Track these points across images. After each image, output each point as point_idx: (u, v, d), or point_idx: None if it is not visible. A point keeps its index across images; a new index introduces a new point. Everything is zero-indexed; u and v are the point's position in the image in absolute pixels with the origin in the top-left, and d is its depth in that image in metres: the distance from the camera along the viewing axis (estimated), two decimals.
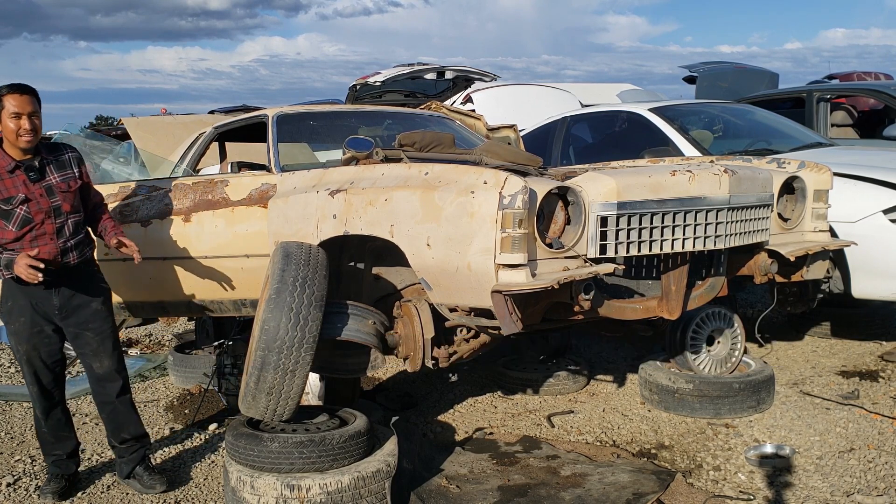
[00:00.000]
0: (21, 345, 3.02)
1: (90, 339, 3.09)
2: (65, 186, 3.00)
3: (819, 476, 3.03)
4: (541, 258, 2.59)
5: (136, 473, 3.18)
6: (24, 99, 2.86)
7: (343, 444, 2.72)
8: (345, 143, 3.32)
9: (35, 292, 2.95)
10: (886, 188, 3.95)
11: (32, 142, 2.90)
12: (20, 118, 2.85)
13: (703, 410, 3.67)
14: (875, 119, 6.64)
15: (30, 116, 2.86)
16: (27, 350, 3.02)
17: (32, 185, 2.92)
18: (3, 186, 2.87)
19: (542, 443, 3.49)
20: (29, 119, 2.86)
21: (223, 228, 3.59)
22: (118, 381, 3.15)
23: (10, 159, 2.91)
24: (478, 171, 2.67)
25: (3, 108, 2.85)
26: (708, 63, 9.58)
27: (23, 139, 2.87)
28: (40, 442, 3.20)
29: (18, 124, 2.85)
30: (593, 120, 6.10)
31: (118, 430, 3.18)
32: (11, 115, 2.84)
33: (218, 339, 4.49)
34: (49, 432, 3.14)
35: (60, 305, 3.01)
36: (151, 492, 3.13)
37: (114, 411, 3.17)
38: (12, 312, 3.01)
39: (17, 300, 2.99)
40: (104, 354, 3.12)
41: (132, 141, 5.55)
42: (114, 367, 3.14)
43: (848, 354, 4.63)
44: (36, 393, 3.08)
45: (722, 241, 2.99)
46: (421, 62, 9.07)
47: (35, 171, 2.93)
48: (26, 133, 2.86)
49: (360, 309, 2.95)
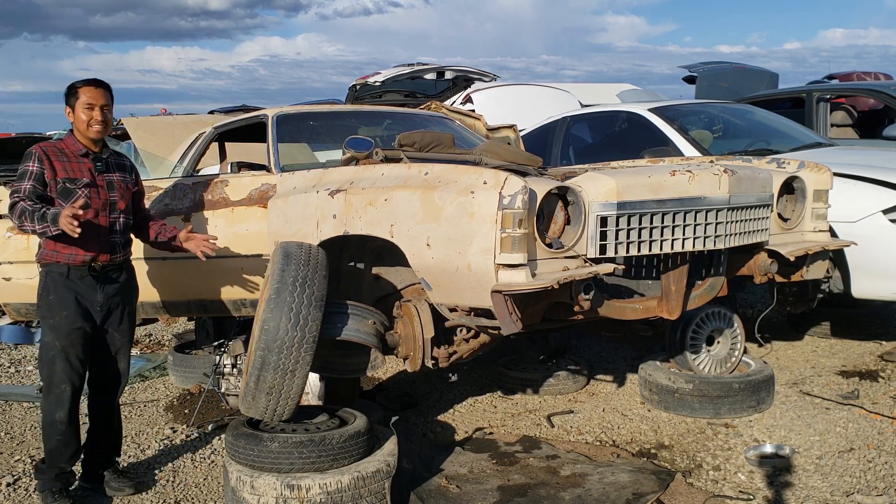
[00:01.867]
0: (60, 339, 2.95)
1: (116, 340, 3.11)
2: (123, 186, 3.11)
3: (819, 476, 3.03)
4: (541, 258, 2.59)
5: (105, 478, 3.15)
6: (98, 91, 2.98)
7: (343, 444, 2.72)
8: (345, 143, 3.32)
9: (81, 287, 2.97)
10: (886, 188, 3.95)
11: (101, 133, 3.02)
12: (93, 109, 2.96)
13: (703, 410, 3.67)
14: (875, 119, 6.63)
15: (102, 108, 2.98)
16: (65, 346, 2.95)
17: (97, 175, 3.02)
18: (71, 168, 2.97)
19: (542, 443, 3.49)
20: (101, 111, 2.98)
21: (223, 229, 3.59)
22: (123, 384, 3.19)
23: (81, 145, 3.02)
24: (478, 171, 2.67)
25: (78, 99, 2.97)
26: (708, 63, 9.58)
27: (93, 129, 2.98)
28: (49, 452, 3.01)
29: (91, 115, 2.96)
30: (593, 120, 6.10)
31: (103, 436, 3.16)
32: (85, 106, 2.96)
33: (218, 339, 4.49)
34: (63, 439, 2.99)
35: (103, 302, 3.03)
36: (121, 494, 3.11)
37: (109, 415, 3.17)
38: (54, 306, 2.96)
39: (60, 293, 2.96)
40: (122, 356, 3.15)
41: (132, 141, 5.55)
42: (124, 370, 3.17)
43: (848, 354, 4.64)
44: (67, 393, 2.96)
45: (722, 241, 2.99)
46: (420, 62, 9.07)
47: (102, 162, 3.05)
48: (97, 123, 2.97)
49: (360, 309, 2.95)
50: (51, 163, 2.92)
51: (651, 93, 8.87)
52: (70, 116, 3.01)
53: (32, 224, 2.80)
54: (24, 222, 2.81)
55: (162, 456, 3.55)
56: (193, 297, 3.85)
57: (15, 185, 2.90)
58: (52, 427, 2.98)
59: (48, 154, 2.94)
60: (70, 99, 3.00)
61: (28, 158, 2.92)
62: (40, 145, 2.99)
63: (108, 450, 3.19)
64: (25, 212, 2.80)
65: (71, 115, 3.01)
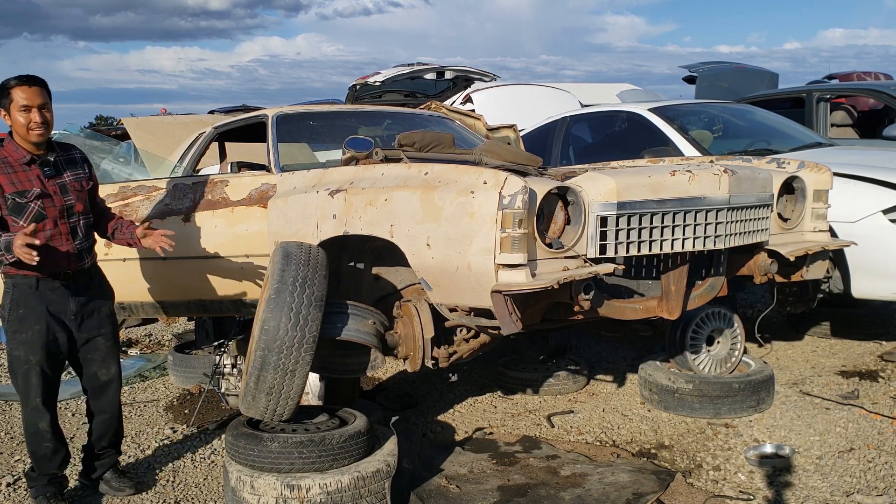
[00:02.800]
0: (34, 354, 2.83)
1: (101, 345, 3.01)
2: (77, 186, 2.92)
3: (819, 476, 3.03)
4: (541, 258, 2.59)
5: (105, 477, 3.13)
6: (33, 91, 2.75)
7: (343, 444, 2.72)
8: (345, 143, 3.32)
9: (52, 298, 2.84)
10: (886, 188, 3.95)
11: (44, 136, 2.79)
12: (30, 111, 2.73)
13: (703, 410, 3.67)
14: (875, 119, 6.63)
15: (40, 109, 2.75)
16: (40, 360, 2.84)
17: (47, 181, 2.81)
18: (18, 179, 2.75)
19: (542, 443, 3.49)
20: (39, 112, 2.75)
21: (223, 229, 3.59)
22: (119, 387, 3.13)
23: (25, 151, 2.79)
24: (478, 171, 2.67)
25: (12, 101, 2.74)
26: (708, 63, 9.58)
27: (34, 133, 2.75)
28: (38, 460, 2.96)
29: (28, 118, 2.73)
30: (593, 120, 6.10)
31: (103, 437, 3.12)
32: (21, 108, 2.73)
33: (218, 339, 4.49)
34: (50, 446, 2.94)
35: (76, 311, 2.91)
36: (121, 494, 3.09)
37: (110, 419, 3.11)
38: (25, 320, 2.82)
39: (31, 307, 2.82)
40: (111, 360, 3.06)
41: (132, 141, 5.56)
42: (117, 373, 3.10)
43: (848, 354, 4.64)
44: (42, 406, 2.89)
45: (722, 241, 2.99)
46: (420, 62, 9.07)
47: (50, 166, 2.84)
48: (37, 126, 2.75)
49: (360, 309, 2.95)
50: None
51: (651, 93, 8.87)
52: (7, 120, 2.76)
53: None
54: None
55: (162, 456, 3.54)
56: (193, 297, 3.85)
57: None
58: (37, 436, 2.92)
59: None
60: (2, 101, 2.75)
61: None
62: None
63: (108, 450, 3.17)
64: None
65: (7, 119, 2.76)
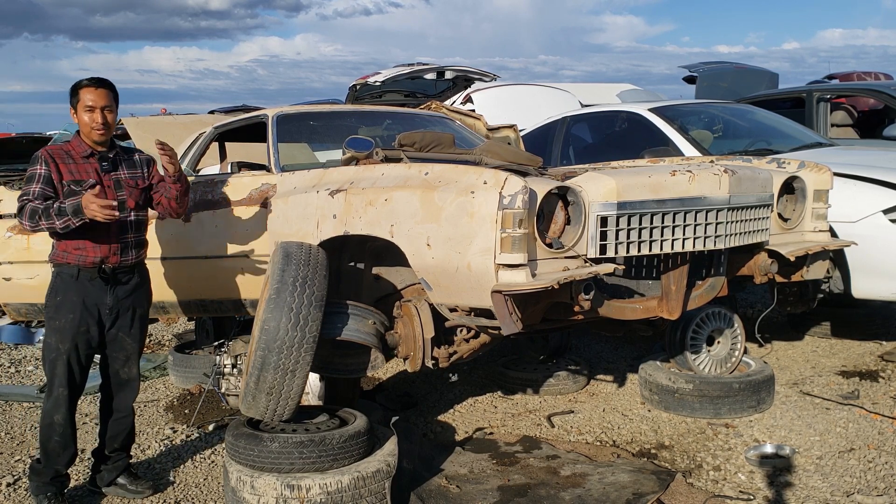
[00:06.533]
0: (63, 343, 2.90)
1: (127, 345, 3.04)
2: (132, 183, 3.04)
3: (819, 476, 3.03)
4: (541, 258, 2.59)
5: (119, 482, 3.12)
6: (99, 92, 2.91)
7: (343, 444, 2.72)
8: (345, 143, 3.32)
9: (90, 289, 2.91)
10: (886, 188, 3.95)
11: (104, 135, 2.95)
12: (94, 112, 2.89)
13: (703, 410, 3.67)
14: (875, 119, 6.64)
15: (103, 110, 2.91)
16: (68, 349, 2.90)
17: (104, 175, 2.96)
18: (77, 169, 2.91)
19: (542, 443, 3.49)
20: (102, 113, 2.90)
21: (223, 228, 3.59)
22: (137, 389, 3.15)
23: (87, 146, 2.96)
24: (478, 171, 2.67)
25: (80, 101, 2.90)
26: (708, 63, 9.58)
27: (95, 132, 2.92)
28: (47, 454, 2.97)
29: (92, 118, 2.90)
30: (593, 120, 6.10)
31: (115, 439, 3.12)
32: (86, 108, 2.89)
33: (218, 339, 4.49)
34: (61, 441, 2.95)
35: (112, 305, 2.96)
36: (140, 496, 3.09)
37: (124, 418, 3.12)
38: (61, 308, 2.91)
39: (68, 295, 2.91)
40: (133, 361, 3.09)
41: (132, 141, 5.55)
42: (137, 375, 3.12)
43: (848, 354, 4.64)
44: (64, 396, 2.92)
45: (722, 241, 2.99)
46: (420, 62, 9.07)
47: (108, 161, 2.99)
48: (99, 126, 2.91)
49: (360, 309, 2.95)
50: (56, 166, 2.88)
51: (651, 93, 8.87)
52: (74, 117, 2.97)
53: (50, 221, 2.74)
54: (40, 222, 2.76)
55: (162, 456, 3.54)
56: (193, 297, 3.85)
57: (24, 189, 2.85)
58: (50, 428, 2.95)
59: (54, 157, 2.89)
60: (72, 99, 2.95)
61: (35, 162, 2.88)
62: (46, 149, 2.94)
63: (119, 453, 3.14)
64: (37, 211, 2.75)
65: (74, 117, 2.96)
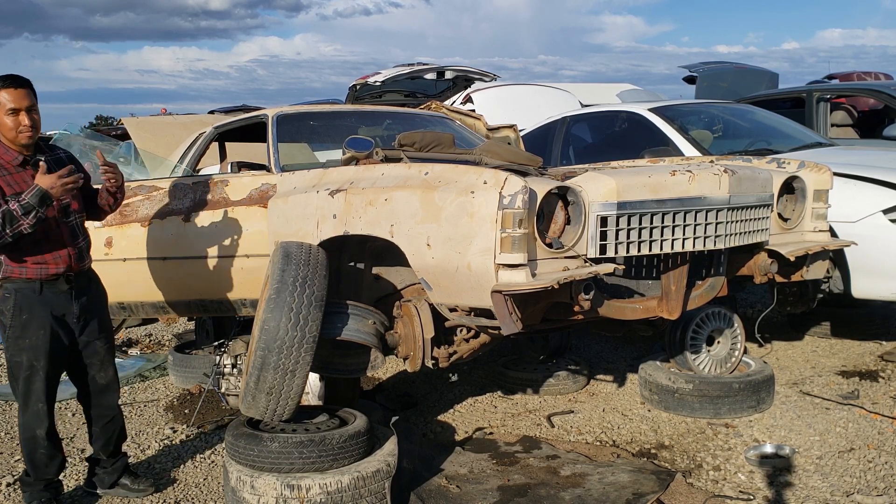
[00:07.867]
0: (38, 360, 2.78)
1: (99, 349, 2.98)
2: None
3: (819, 476, 3.03)
4: (541, 258, 2.59)
5: (121, 483, 3.10)
6: (20, 93, 2.70)
7: (343, 444, 2.72)
8: (345, 143, 3.32)
9: (55, 301, 2.80)
10: (886, 188, 3.95)
11: (33, 138, 2.76)
12: (18, 114, 2.69)
13: (703, 410, 3.67)
14: (875, 119, 6.64)
15: (28, 111, 2.71)
16: (44, 366, 2.79)
17: None
18: (14, 181, 2.71)
19: (542, 443, 3.49)
20: (28, 114, 2.71)
21: (223, 228, 3.59)
22: (117, 390, 3.11)
23: (16, 153, 2.75)
24: (478, 171, 2.67)
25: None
26: (708, 63, 9.58)
27: (23, 135, 2.72)
28: (34, 466, 2.90)
29: (17, 121, 2.70)
30: (593, 120, 6.10)
31: (109, 442, 3.09)
32: (8, 112, 2.69)
33: (218, 339, 4.49)
34: (46, 452, 2.88)
35: (79, 314, 2.87)
36: (142, 495, 3.07)
37: (112, 422, 3.08)
38: (29, 326, 2.77)
39: (34, 312, 2.77)
40: (108, 364, 3.03)
41: (132, 141, 5.56)
42: (114, 376, 3.07)
43: (848, 354, 4.64)
44: (44, 411, 2.84)
45: (722, 241, 2.99)
46: (420, 62, 9.07)
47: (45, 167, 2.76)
48: (26, 129, 2.71)
49: (360, 309, 2.95)
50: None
51: (651, 93, 8.87)
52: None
53: (16, 224, 2.57)
54: (5, 231, 2.57)
55: (162, 456, 3.54)
56: (193, 297, 3.85)
57: None
58: (33, 441, 2.87)
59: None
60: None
61: None
62: None
63: (113, 459, 3.13)
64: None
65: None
